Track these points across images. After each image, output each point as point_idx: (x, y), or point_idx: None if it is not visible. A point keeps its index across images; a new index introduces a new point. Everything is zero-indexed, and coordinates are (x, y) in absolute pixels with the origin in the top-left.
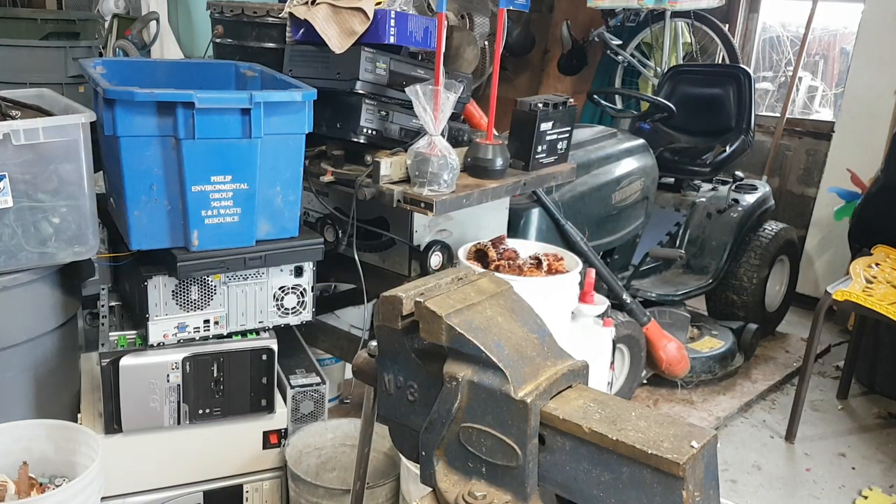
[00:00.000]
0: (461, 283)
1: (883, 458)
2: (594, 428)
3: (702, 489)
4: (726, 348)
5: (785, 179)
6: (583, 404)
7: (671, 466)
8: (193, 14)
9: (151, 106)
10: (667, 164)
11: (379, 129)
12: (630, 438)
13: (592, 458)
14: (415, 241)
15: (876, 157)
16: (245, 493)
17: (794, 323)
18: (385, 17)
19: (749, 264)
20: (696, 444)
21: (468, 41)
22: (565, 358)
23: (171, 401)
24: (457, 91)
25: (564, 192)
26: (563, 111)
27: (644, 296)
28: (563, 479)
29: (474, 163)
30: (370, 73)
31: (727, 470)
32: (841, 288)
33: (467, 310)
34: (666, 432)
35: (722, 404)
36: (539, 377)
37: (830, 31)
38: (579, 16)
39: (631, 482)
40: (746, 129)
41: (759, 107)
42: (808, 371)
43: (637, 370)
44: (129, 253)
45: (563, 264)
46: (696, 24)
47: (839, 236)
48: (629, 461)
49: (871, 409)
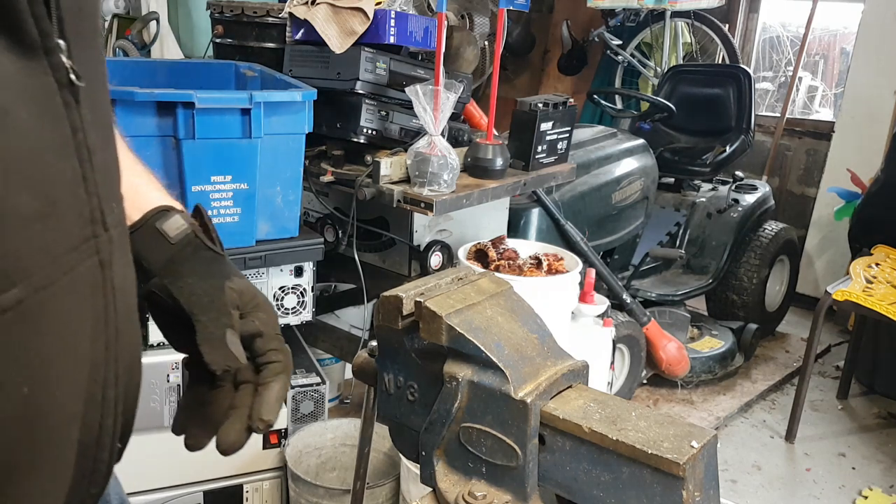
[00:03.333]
0: (461, 283)
1: (883, 458)
2: (594, 428)
3: (702, 489)
4: (726, 348)
5: (785, 179)
6: (583, 404)
7: (671, 466)
8: (193, 14)
9: (151, 106)
10: (667, 164)
11: (379, 129)
12: (630, 438)
13: (592, 458)
14: (415, 241)
15: (876, 157)
16: (245, 493)
17: (794, 323)
18: (385, 17)
19: (749, 264)
20: (696, 444)
21: (468, 41)
22: (565, 358)
23: (171, 401)
24: (457, 91)
25: (564, 192)
26: (563, 111)
27: (644, 296)
28: (563, 479)
29: (474, 163)
30: (370, 73)
31: (727, 470)
32: (841, 288)
33: (467, 310)
34: (666, 432)
35: (722, 404)
36: (539, 377)
37: (830, 31)
38: (579, 16)
39: (631, 482)
40: (746, 129)
41: (759, 107)
42: (808, 371)
43: (637, 370)
44: None
45: (563, 264)
46: (696, 24)
47: (839, 236)
48: (629, 461)
49: (871, 409)
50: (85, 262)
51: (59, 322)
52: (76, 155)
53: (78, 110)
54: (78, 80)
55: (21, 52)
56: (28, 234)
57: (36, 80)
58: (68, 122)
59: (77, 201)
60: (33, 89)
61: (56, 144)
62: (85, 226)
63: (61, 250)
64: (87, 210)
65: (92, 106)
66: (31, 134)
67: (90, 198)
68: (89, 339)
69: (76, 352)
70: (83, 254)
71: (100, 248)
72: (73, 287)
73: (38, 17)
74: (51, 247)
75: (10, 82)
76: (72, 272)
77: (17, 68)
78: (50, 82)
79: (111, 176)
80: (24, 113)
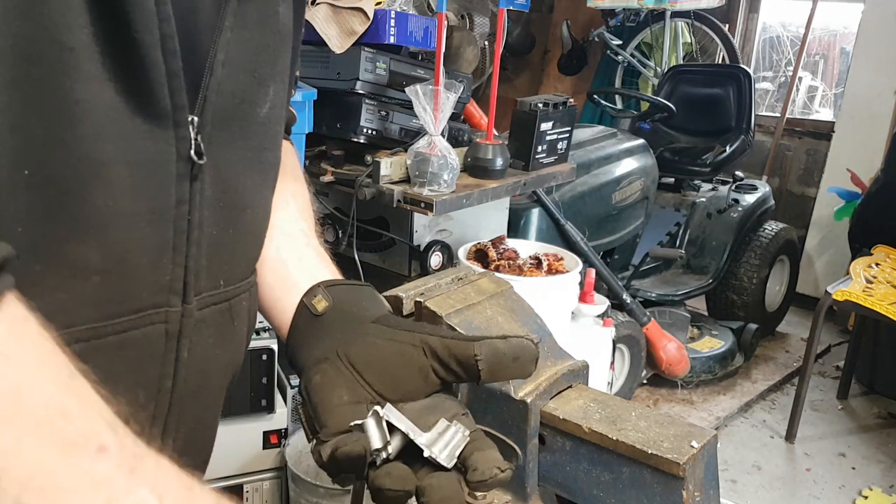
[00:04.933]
0: (461, 283)
1: (883, 458)
2: (594, 428)
3: (702, 489)
4: (726, 348)
5: (785, 179)
6: (583, 404)
7: (671, 466)
8: None
9: None
10: (667, 164)
11: (379, 129)
12: (630, 438)
13: (592, 458)
14: (415, 241)
15: (876, 157)
16: (245, 493)
17: (794, 323)
18: (385, 17)
19: (749, 264)
20: (696, 444)
21: (468, 41)
22: (565, 358)
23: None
24: (457, 91)
25: (564, 192)
26: (563, 111)
27: (644, 296)
28: (563, 479)
29: (474, 163)
30: (370, 73)
31: (727, 470)
32: (841, 288)
33: (467, 310)
34: (666, 432)
35: (722, 404)
36: (539, 377)
37: (830, 31)
38: (579, 16)
39: (631, 482)
40: (746, 129)
41: (759, 107)
42: (808, 371)
43: (637, 370)
44: None
45: (563, 264)
46: (696, 24)
47: (839, 236)
48: (629, 461)
49: (871, 409)
50: (145, 328)
51: (95, 377)
52: (173, 225)
53: (191, 185)
54: (199, 157)
55: (148, 117)
56: (80, 284)
57: (155, 146)
58: (175, 193)
59: (155, 269)
60: (147, 153)
61: (150, 209)
62: (157, 293)
63: (117, 310)
64: (167, 280)
65: (219, 187)
66: (122, 192)
67: (174, 268)
68: (128, 404)
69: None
70: (146, 320)
71: (169, 318)
72: (122, 347)
73: (173, 90)
74: (103, 303)
75: (119, 140)
76: (124, 333)
77: (138, 130)
78: (169, 151)
79: (221, 256)
80: (124, 172)
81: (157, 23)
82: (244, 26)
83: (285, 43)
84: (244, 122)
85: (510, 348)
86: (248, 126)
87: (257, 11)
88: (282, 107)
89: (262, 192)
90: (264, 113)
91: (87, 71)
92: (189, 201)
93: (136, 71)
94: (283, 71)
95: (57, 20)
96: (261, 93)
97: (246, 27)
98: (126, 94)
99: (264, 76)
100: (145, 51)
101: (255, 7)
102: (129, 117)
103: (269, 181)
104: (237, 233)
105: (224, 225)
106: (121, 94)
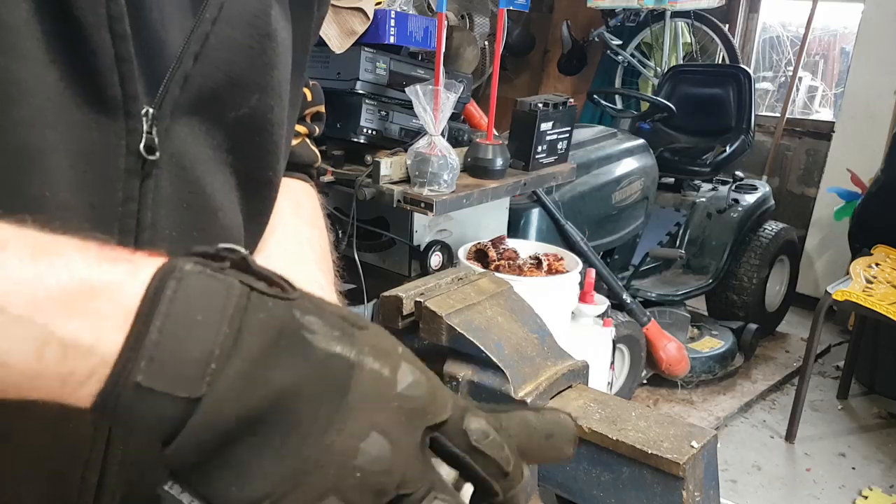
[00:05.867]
0: (461, 283)
1: (883, 458)
2: (594, 428)
3: (702, 489)
4: (726, 348)
5: (785, 179)
6: (583, 404)
7: (671, 466)
8: None
9: None
10: (667, 164)
11: (379, 129)
12: (630, 438)
13: (592, 458)
14: (415, 241)
15: (876, 157)
16: None
17: (794, 323)
18: (385, 17)
19: (749, 264)
20: (696, 444)
21: (468, 41)
22: (565, 358)
23: None
24: (457, 91)
25: (564, 192)
26: (563, 111)
27: (644, 296)
28: (563, 479)
29: (474, 163)
30: (370, 73)
31: (727, 470)
32: (841, 288)
33: (467, 310)
34: (666, 432)
35: (722, 404)
36: (539, 377)
37: (830, 31)
38: (579, 16)
39: (631, 482)
40: (746, 129)
41: (759, 107)
42: (808, 371)
43: (637, 370)
44: None
45: (563, 264)
46: (696, 24)
47: (839, 236)
48: (629, 461)
49: (871, 409)
50: None
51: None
52: (118, 224)
53: (143, 181)
54: (149, 153)
55: (95, 105)
56: None
57: (101, 136)
58: (122, 189)
59: None
60: (92, 144)
61: (91, 204)
62: None
63: None
64: None
65: (182, 186)
66: (61, 184)
67: None
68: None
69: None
70: None
71: None
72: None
73: (124, 77)
74: None
75: (61, 127)
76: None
77: (84, 119)
78: (118, 144)
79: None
80: (65, 162)
81: (102, 2)
82: (227, 22)
83: (279, 52)
84: (210, 121)
85: (543, 423)
86: (213, 126)
87: (244, 8)
88: (279, 125)
89: (222, 194)
90: (236, 116)
91: (27, 50)
92: (139, 199)
93: (81, 53)
94: (279, 85)
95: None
96: (237, 95)
97: (229, 23)
98: (70, 79)
99: (245, 80)
100: (89, 31)
101: (243, 3)
102: (74, 104)
103: (255, 198)
104: (207, 236)
105: (187, 227)
106: (65, 78)
